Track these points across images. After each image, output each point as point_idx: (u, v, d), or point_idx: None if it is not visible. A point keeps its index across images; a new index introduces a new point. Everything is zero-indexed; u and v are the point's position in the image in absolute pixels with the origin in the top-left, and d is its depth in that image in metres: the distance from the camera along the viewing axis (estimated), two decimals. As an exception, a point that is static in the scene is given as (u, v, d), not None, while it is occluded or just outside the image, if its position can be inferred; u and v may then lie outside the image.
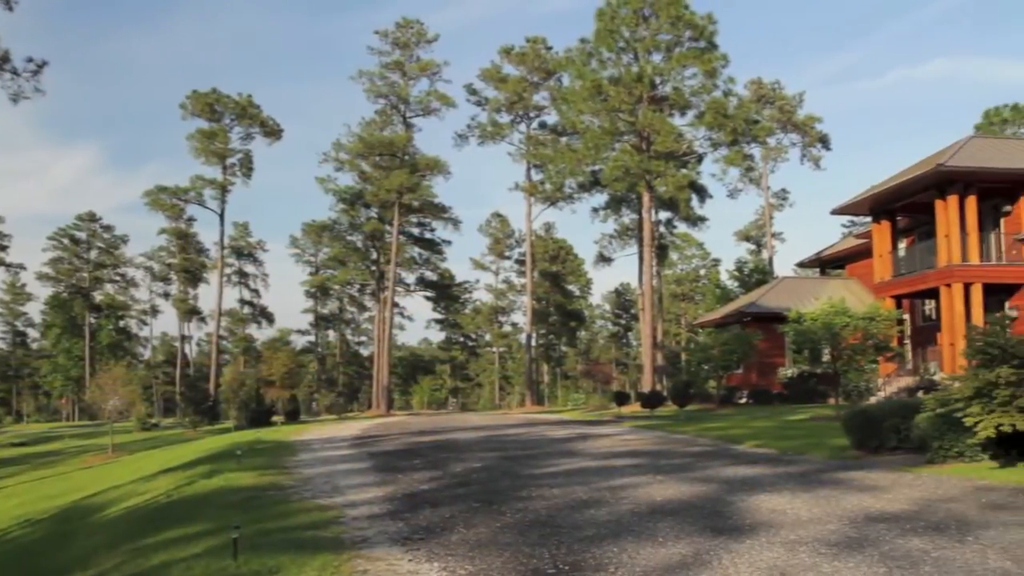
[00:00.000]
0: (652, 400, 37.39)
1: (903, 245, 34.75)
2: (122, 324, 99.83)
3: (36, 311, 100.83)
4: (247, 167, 66.99)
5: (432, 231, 72.70)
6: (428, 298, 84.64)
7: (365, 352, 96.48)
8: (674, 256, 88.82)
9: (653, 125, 43.43)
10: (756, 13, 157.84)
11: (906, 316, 34.23)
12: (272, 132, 67.23)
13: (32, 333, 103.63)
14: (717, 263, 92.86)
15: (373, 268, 74.55)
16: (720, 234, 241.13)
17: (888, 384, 30.59)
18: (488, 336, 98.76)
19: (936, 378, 27.53)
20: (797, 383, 35.08)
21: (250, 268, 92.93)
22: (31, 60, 21.90)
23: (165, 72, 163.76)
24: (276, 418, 43.27)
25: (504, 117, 65.31)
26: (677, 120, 46.74)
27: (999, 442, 11.59)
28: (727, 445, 17.78)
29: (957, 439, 12.27)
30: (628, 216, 63.77)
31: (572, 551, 7.38)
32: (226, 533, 8.04)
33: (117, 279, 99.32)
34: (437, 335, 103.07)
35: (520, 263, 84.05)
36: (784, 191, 74.44)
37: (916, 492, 10.04)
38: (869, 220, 35.49)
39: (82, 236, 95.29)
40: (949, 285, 29.51)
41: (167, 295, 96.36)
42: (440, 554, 7.57)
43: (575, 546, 7.58)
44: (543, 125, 65.50)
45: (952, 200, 29.58)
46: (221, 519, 9.93)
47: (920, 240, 33.83)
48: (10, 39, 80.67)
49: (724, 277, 74.39)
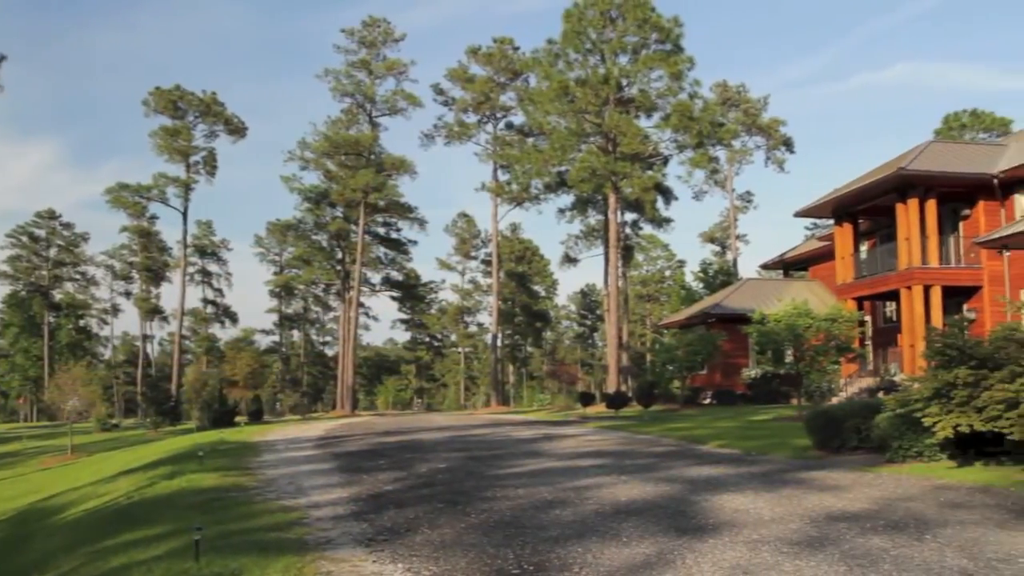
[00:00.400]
0: (617, 401, 37.50)
1: (865, 248, 35.17)
2: (82, 323, 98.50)
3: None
4: (211, 165, 66.48)
5: (398, 231, 72.66)
6: (394, 298, 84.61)
7: (330, 352, 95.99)
8: (640, 257, 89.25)
9: (619, 127, 43.60)
10: (722, 17, 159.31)
11: (867, 318, 34.62)
12: (236, 130, 66.72)
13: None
14: (682, 264, 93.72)
15: (338, 268, 74.13)
16: (685, 236, 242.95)
17: (850, 385, 30.98)
18: (454, 336, 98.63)
19: (896, 379, 27.86)
20: (761, 384, 35.34)
21: (213, 267, 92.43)
22: (-11, 54, 21.60)
23: (128, 68, 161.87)
24: (239, 419, 42.89)
25: (471, 117, 65.32)
26: (643, 122, 47.00)
27: (957, 442, 11.76)
28: (691, 445, 17.88)
29: (916, 439, 12.45)
30: (594, 217, 63.95)
31: (537, 551, 7.38)
32: (188, 535, 7.95)
33: (77, 277, 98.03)
34: (403, 335, 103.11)
35: (486, 263, 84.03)
36: (749, 193, 75.52)
37: (876, 491, 10.16)
38: (832, 223, 35.87)
39: (41, 233, 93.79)
40: (909, 287, 29.91)
41: (128, 294, 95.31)
42: (404, 555, 7.53)
43: (540, 546, 7.58)
44: (510, 126, 65.59)
45: (912, 203, 29.99)
46: (183, 521, 9.80)
47: (881, 243, 34.24)
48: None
49: (689, 278, 74.81)
